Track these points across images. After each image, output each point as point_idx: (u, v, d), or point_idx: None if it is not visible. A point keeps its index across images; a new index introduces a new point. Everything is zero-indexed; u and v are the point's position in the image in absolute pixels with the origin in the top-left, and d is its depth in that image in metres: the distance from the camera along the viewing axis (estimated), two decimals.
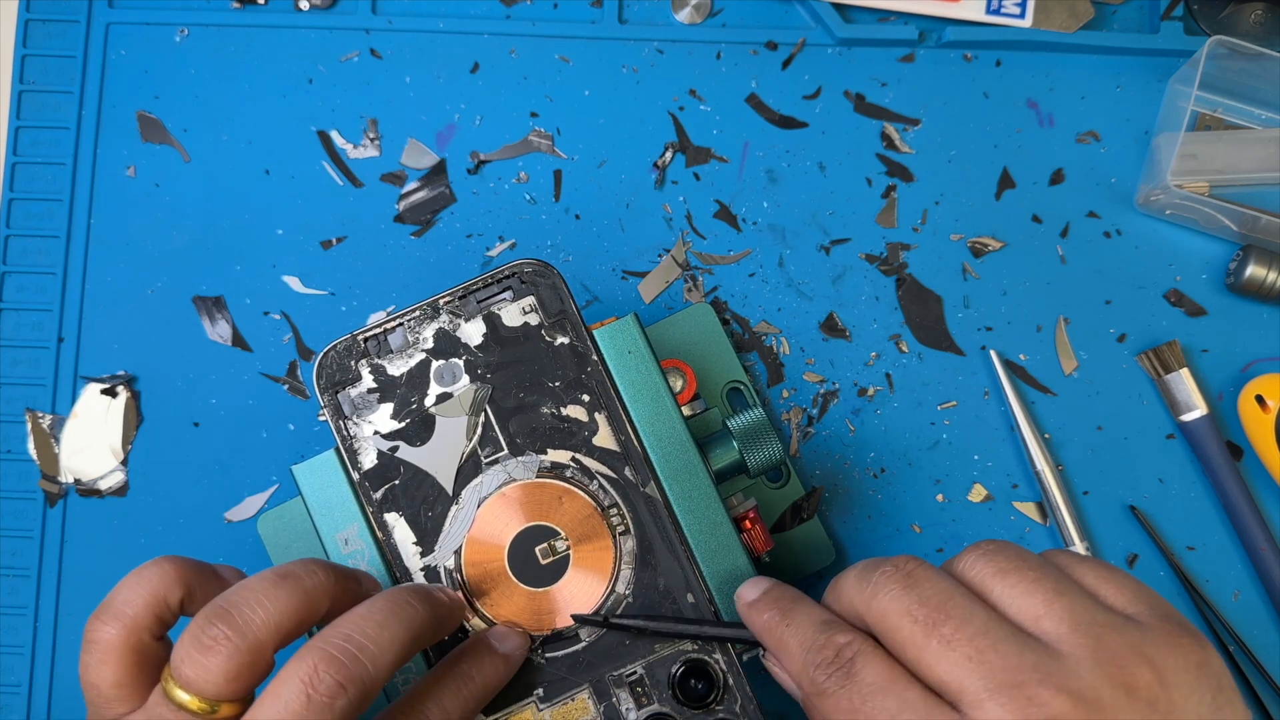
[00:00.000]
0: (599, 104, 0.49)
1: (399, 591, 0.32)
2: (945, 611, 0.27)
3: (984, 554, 0.29)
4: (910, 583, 0.28)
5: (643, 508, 0.36)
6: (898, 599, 0.28)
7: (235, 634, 0.28)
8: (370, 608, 0.30)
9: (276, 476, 0.47)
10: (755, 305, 0.48)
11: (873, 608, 0.28)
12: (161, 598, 0.31)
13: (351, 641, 0.29)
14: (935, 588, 0.28)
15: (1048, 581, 0.27)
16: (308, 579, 0.30)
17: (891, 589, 0.28)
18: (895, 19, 0.50)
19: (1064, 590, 0.27)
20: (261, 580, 0.30)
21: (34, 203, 0.48)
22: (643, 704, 0.35)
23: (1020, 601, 0.27)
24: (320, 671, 0.28)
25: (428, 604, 0.32)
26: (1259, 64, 0.46)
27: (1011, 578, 0.28)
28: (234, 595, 0.29)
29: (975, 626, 0.26)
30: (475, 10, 0.50)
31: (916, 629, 0.27)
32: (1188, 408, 0.46)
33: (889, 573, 0.29)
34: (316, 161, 0.49)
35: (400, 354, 0.37)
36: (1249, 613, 0.45)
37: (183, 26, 0.50)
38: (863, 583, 0.29)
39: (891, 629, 0.28)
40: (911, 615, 0.27)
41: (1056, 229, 0.48)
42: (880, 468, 0.47)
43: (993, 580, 0.28)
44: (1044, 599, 0.27)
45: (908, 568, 0.29)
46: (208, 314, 0.48)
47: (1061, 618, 0.26)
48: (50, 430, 0.47)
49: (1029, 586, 0.27)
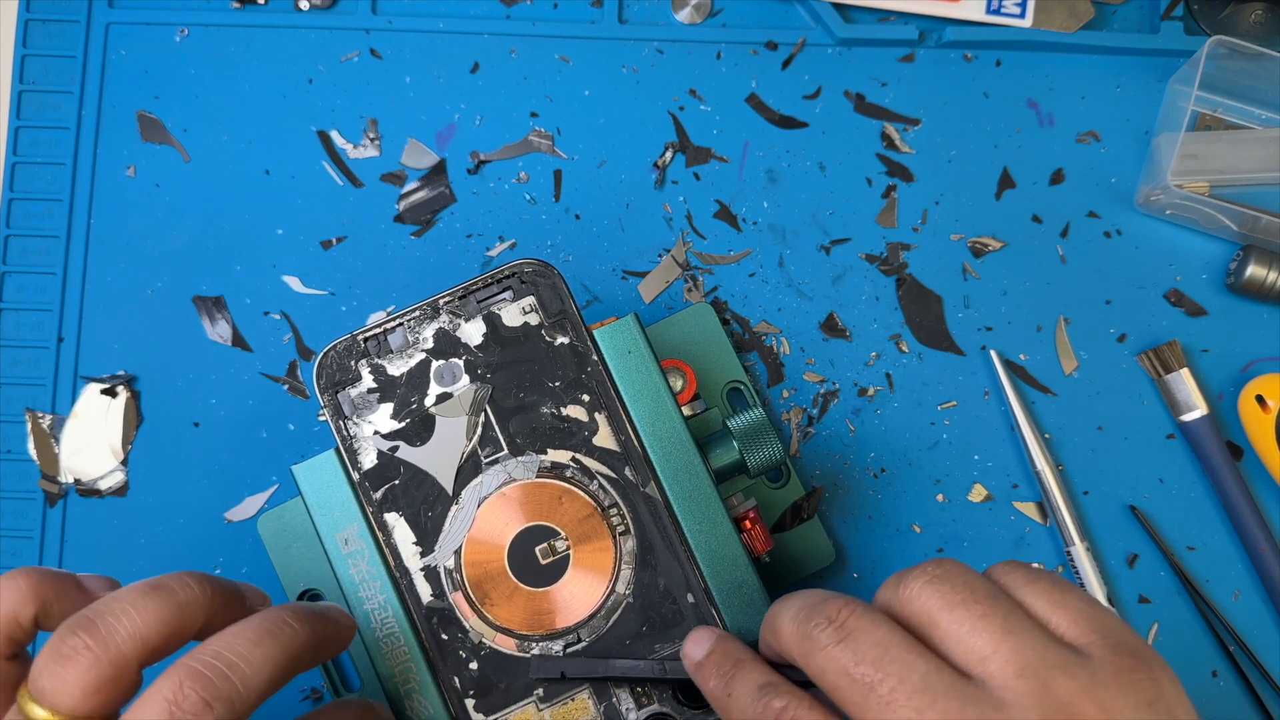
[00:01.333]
0: (599, 104, 0.49)
1: (277, 610, 0.30)
2: (882, 668, 0.26)
3: (930, 581, 0.28)
4: (845, 636, 0.27)
5: (643, 508, 0.36)
6: (834, 656, 0.27)
7: (97, 644, 0.27)
8: (244, 626, 0.29)
9: (276, 476, 0.47)
10: (755, 305, 0.48)
11: (810, 664, 0.28)
12: (10, 616, 0.29)
13: (220, 659, 0.28)
14: (871, 640, 0.27)
15: (995, 618, 0.26)
16: (181, 591, 0.29)
17: (827, 644, 0.27)
18: (895, 19, 0.50)
19: (1011, 627, 0.26)
20: (131, 591, 0.28)
21: (34, 203, 0.48)
22: (643, 704, 0.35)
23: (967, 640, 0.26)
24: (186, 688, 0.27)
25: (308, 625, 0.30)
26: (1259, 64, 0.46)
27: (958, 612, 0.27)
28: (100, 605, 0.28)
29: (914, 683, 0.26)
30: (475, 10, 0.50)
31: (855, 689, 0.26)
32: (1188, 408, 0.46)
33: (822, 625, 0.28)
34: (316, 161, 0.49)
35: (400, 354, 0.37)
36: (1249, 613, 0.45)
37: (183, 26, 0.50)
38: (799, 635, 0.28)
39: (831, 687, 0.27)
40: (849, 674, 0.26)
41: (1056, 229, 0.48)
42: (880, 468, 0.47)
43: (939, 614, 0.27)
44: (991, 638, 0.26)
45: (841, 618, 0.27)
46: (208, 314, 0.48)
47: (1008, 660, 0.26)
48: (50, 430, 0.47)
49: (976, 624, 0.26)
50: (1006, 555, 0.46)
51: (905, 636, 0.27)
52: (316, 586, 0.42)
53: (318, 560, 0.42)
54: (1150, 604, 0.45)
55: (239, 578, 0.46)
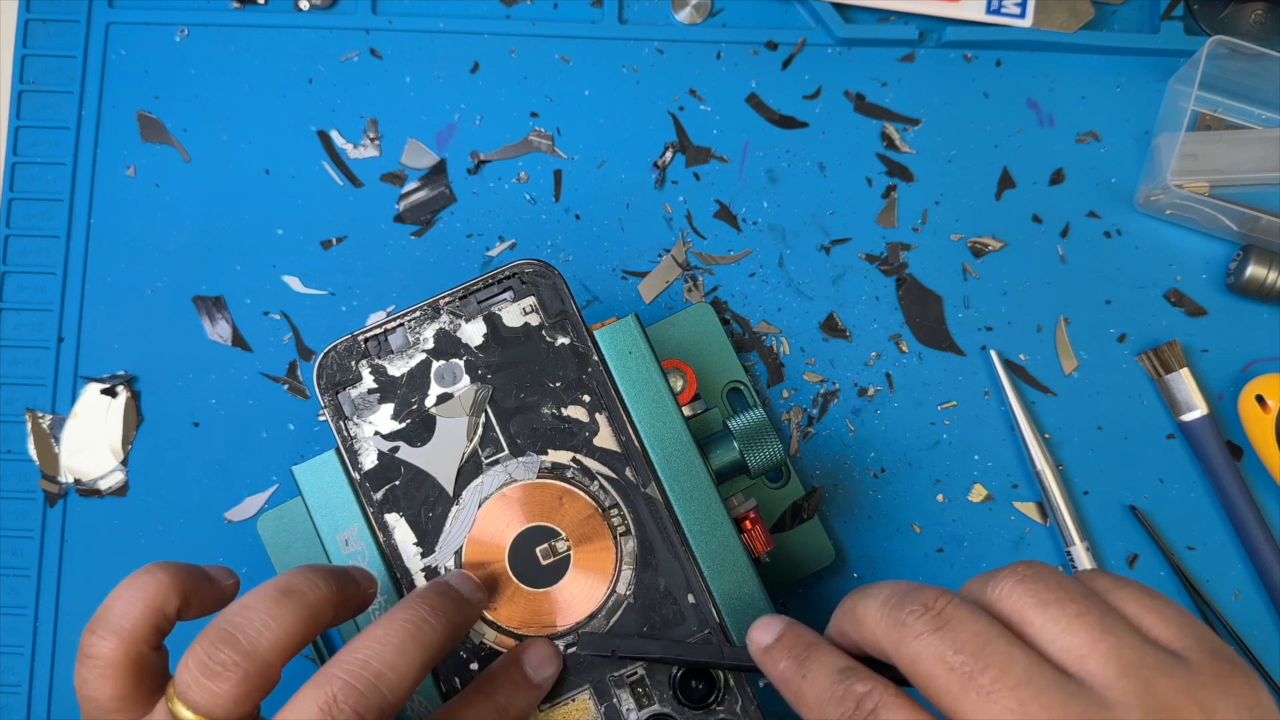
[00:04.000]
0: (599, 104, 0.49)
1: (417, 608, 0.31)
2: (983, 659, 0.25)
3: (1021, 580, 0.27)
4: (943, 625, 0.26)
5: (643, 508, 0.36)
6: (930, 644, 0.26)
7: (243, 658, 0.28)
8: (388, 630, 0.30)
9: (276, 476, 0.47)
10: (755, 305, 0.48)
11: (902, 652, 0.27)
12: (159, 608, 0.30)
13: (369, 669, 0.28)
14: (970, 630, 0.26)
15: (1091, 617, 0.26)
16: (311, 593, 0.30)
17: (922, 632, 0.26)
18: (895, 19, 0.50)
19: (1109, 627, 0.26)
20: (264, 598, 0.29)
21: (34, 203, 0.48)
22: (643, 704, 0.35)
23: (1063, 639, 0.26)
24: (340, 701, 0.28)
25: (445, 618, 0.31)
26: (1259, 64, 0.46)
27: (1052, 610, 0.26)
28: (238, 616, 0.29)
29: (1016, 675, 0.25)
30: (475, 10, 0.50)
31: (953, 678, 0.25)
32: (1188, 408, 0.46)
33: (918, 613, 0.27)
34: (316, 161, 0.49)
35: (401, 354, 0.37)
36: (1249, 613, 0.45)
37: (183, 26, 0.50)
38: (890, 621, 0.27)
39: (924, 675, 0.26)
40: (946, 663, 0.26)
41: (1057, 229, 0.48)
42: (880, 468, 0.47)
43: (1032, 612, 0.26)
44: (1088, 637, 0.26)
45: (939, 605, 0.27)
46: (208, 314, 0.48)
47: (1108, 659, 0.25)
48: (50, 430, 0.47)
49: (1071, 622, 0.26)
50: (1007, 555, 0.46)
51: (1004, 629, 0.26)
52: None
53: (318, 560, 0.42)
54: None
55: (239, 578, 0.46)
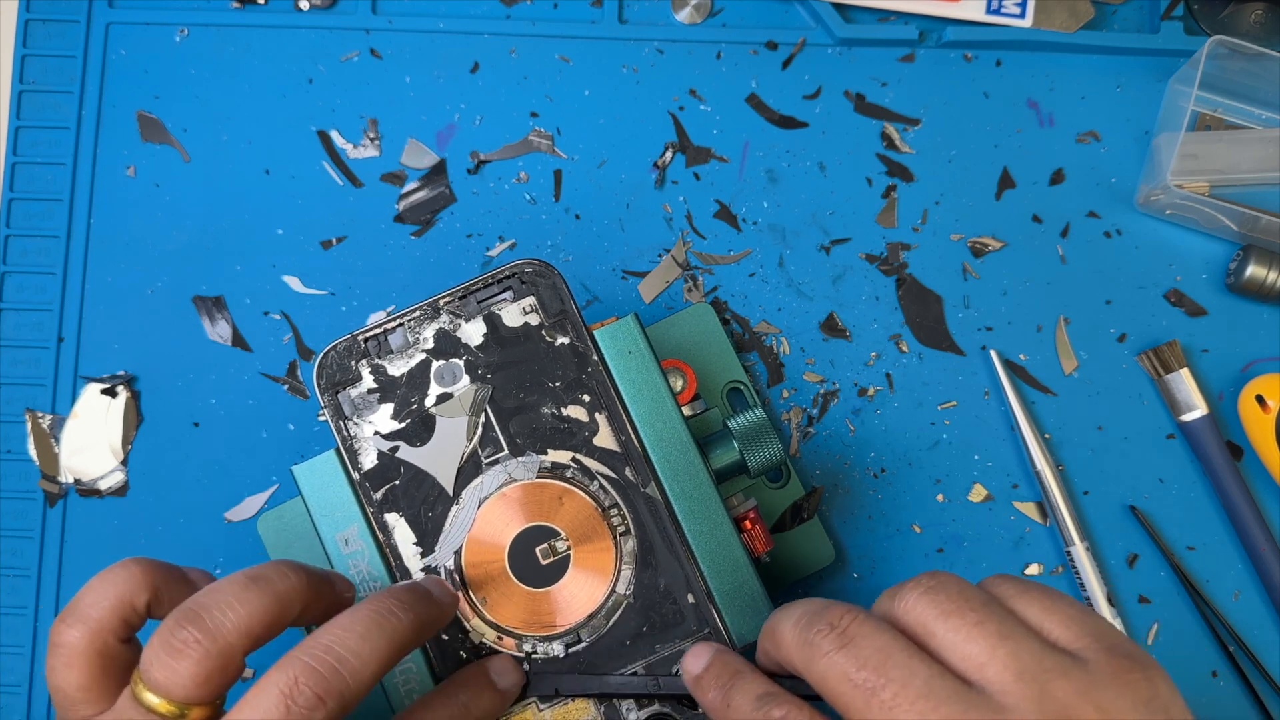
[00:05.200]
0: (599, 104, 0.49)
1: (383, 600, 0.31)
2: (884, 673, 0.26)
3: (925, 592, 0.28)
4: (846, 642, 0.27)
5: (643, 508, 0.36)
6: (835, 662, 0.27)
7: (205, 637, 0.28)
8: (353, 618, 0.30)
9: (276, 476, 0.47)
10: (755, 305, 0.48)
11: (812, 670, 0.28)
12: (127, 601, 0.31)
13: (332, 654, 0.29)
14: (873, 646, 0.27)
15: (990, 624, 0.27)
16: (279, 582, 0.30)
17: (829, 650, 0.27)
18: (895, 19, 0.50)
19: (1007, 634, 0.27)
20: (233, 583, 0.30)
21: (34, 203, 0.48)
22: (643, 704, 0.35)
23: (963, 647, 0.27)
24: (300, 684, 0.28)
25: (412, 612, 0.31)
26: (1259, 64, 0.46)
27: (953, 620, 0.27)
28: (204, 598, 0.29)
29: (916, 688, 0.26)
30: (475, 10, 0.50)
31: (857, 694, 0.26)
32: (1188, 408, 0.46)
33: (824, 632, 0.28)
34: (316, 161, 0.49)
35: (400, 354, 0.37)
36: (1249, 613, 0.45)
37: (183, 26, 0.50)
38: (800, 641, 0.28)
39: (832, 693, 0.27)
40: (850, 680, 0.27)
41: (1056, 229, 0.48)
42: (880, 468, 0.47)
43: (935, 623, 0.27)
44: (987, 645, 0.26)
45: (843, 623, 0.28)
46: (208, 314, 0.48)
47: (1005, 665, 0.26)
48: (50, 430, 0.47)
49: (971, 631, 0.27)
50: (1007, 555, 0.46)
51: (906, 643, 0.27)
52: None
53: (318, 561, 0.42)
54: (1150, 604, 0.45)
55: None
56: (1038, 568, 0.46)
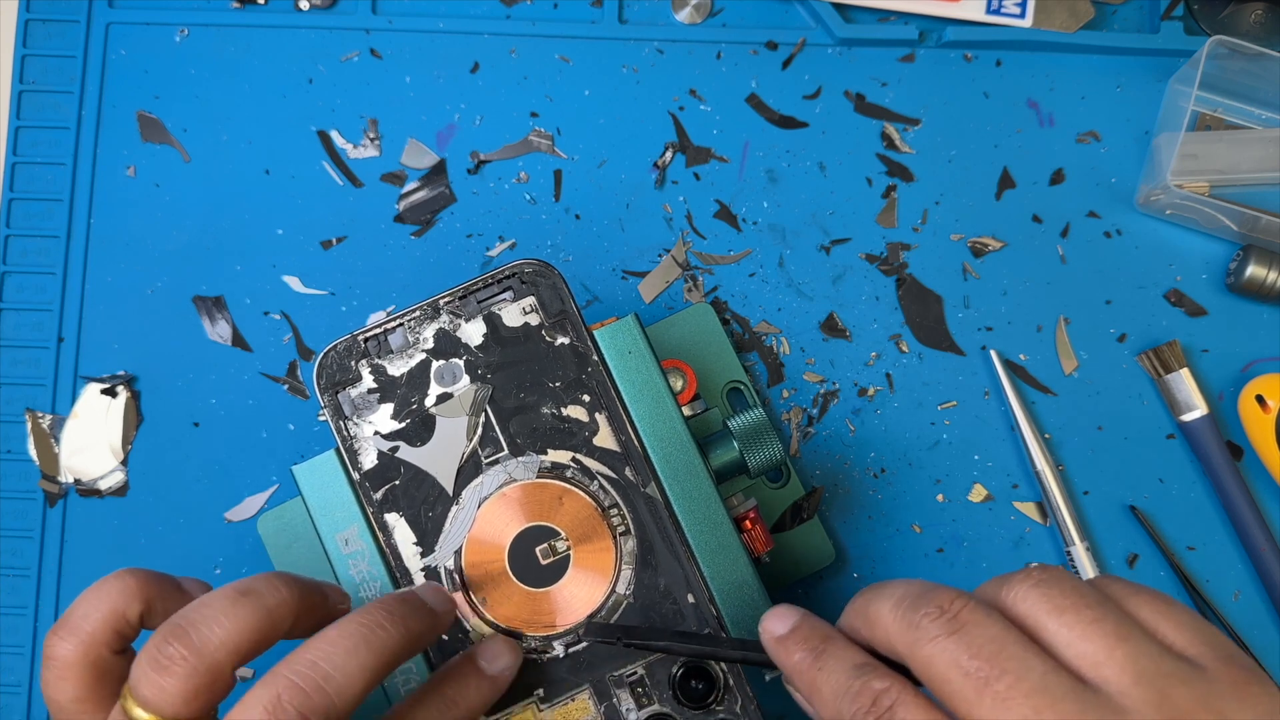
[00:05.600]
0: (599, 104, 0.49)
1: (372, 613, 0.31)
2: (999, 664, 0.25)
3: (1036, 585, 0.27)
4: (958, 628, 0.26)
5: (643, 508, 0.36)
6: (945, 648, 0.26)
7: (192, 654, 0.28)
8: (340, 632, 0.29)
9: (276, 476, 0.47)
10: (755, 305, 0.48)
11: (917, 654, 0.27)
12: (120, 612, 0.30)
13: (317, 670, 0.28)
14: (986, 634, 0.26)
15: (1107, 623, 0.26)
16: (269, 596, 0.30)
17: (937, 635, 0.26)
18: (895, 19, 0.50)
19: (1125, 634, 0.25)
20: (221, 598, 0.29)
21: (34, 203, 0.48)
22: (643, 704, 0.35)
23: (1078, 645, 0.26)
24: (284, 701, 0.27)
25: (402, 625, 0.31)
26: (1259, 64, 0.46)
27: (1068, 616, 0.26)
28: (192, 613, 0.29)
29: (1032, 681, 0.25)
30: (475, 10, 0.50)
31: (968, 684, 0.25)
32: (1188, 408, 0.46)
33: (932, 615, 0.27)
34: (316, 161, 0.49)
35: (400, 354, 0.37)
36: (1249, 613, 0.45)
37: (183, 26, 0.50)
38: (905, 623, 0.27)
39: (939, 679, 0.26)
40: (961, 667, 0.25)
41: (1056, 229, 0.48)
42: (880, 468, 0.47)
43: (1047, 618, 0.26)
44: (1104, 644, 0.25)
45: (954, 608, 0.27)
46: (208, 314, 0.48)
47: (1124, 666, 0.25)
48: (50, 430, 0.47)
49: (1087, 629, 0.26)
50: (1007, 555, 0.46)
51: (1021, 634, 0.26)
52: None
53: (318, 560, 0.42)
54: None
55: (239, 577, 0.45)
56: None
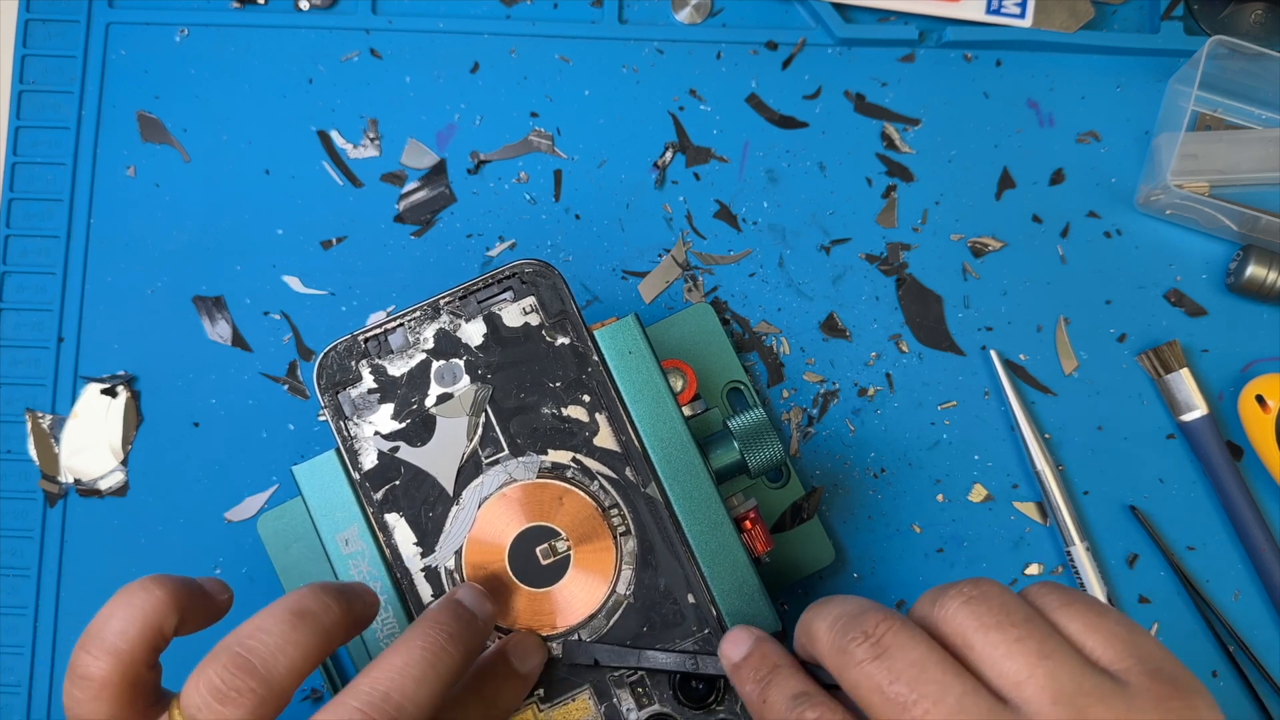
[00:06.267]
0: (599, 104, 0.49)
1: (435, 633, 0.30)
2: (917, 688, 0.26)
3: (966, 601, 0.27)
4: (881, 653, 0.27)
5: (643, 508, 0.36)
6: (868, 673, 0.27)
7: (260, 684, 0.28)
8: (406, 659, 0.29)
9: (276, 476, 0.47)
10: (755, 305, 0.48)
11: (845, 677, 0.28)
12: (157, 626, 0.29)
13: (389, 702, 0.28)
14: (907, 659, 0.27)
15: (1031, 641, 0.26)
16: (325, 616, 0.29)
17: (862, 660, 0.27)
18: (895, 19, 0.50)
19: (1047, 652, 0.26)
20: (279, 621, 0.29)
21: (34, 203, 0.48)
22: (643, 704, 0.35)
23: (1001, 664, 0.26)
24: None
25: (463, 647, 0.31)
26: (1259, 64, 0.46)
27: (993, 635, 0.27)
28: (253, 640, 0.28)
29: (948, 706, 0.25)
30: (475, 10, 0.50)
31: (889, 707, 0.26)
32: (1188, 408, 0.46)
33: (859, 640, 0.27)
34: (316, 161, 0.49)
35: (401, 354, 0.37)
36: (1249, 613, 0.45)
37: (183, 26, 0.50)
38: (835, 647, 0.28)
39: (865, 703, 0.27)
40: (883, 692, 0.26)
41: (1056, 229, 0.48)
42: (880, 468, 0.47)
43: (974, 635, 0.27)
44: (1026, 663, 0.26)
45: (879, 632, 0.27)
46: (208, 314, 0.48)
47: (1043, 686, 0.25)
48: (50, 430, 0.47)
49: (1011, 647, 0.26)
50: (1007, 555, 0.46)
51: (943, 656, 0.27)
52: None
53: (318, 560, 0.42)
54: (1150, 604, 0.45)
55: (239, 578, 0.46)
56: (1038, 568, 0.46)
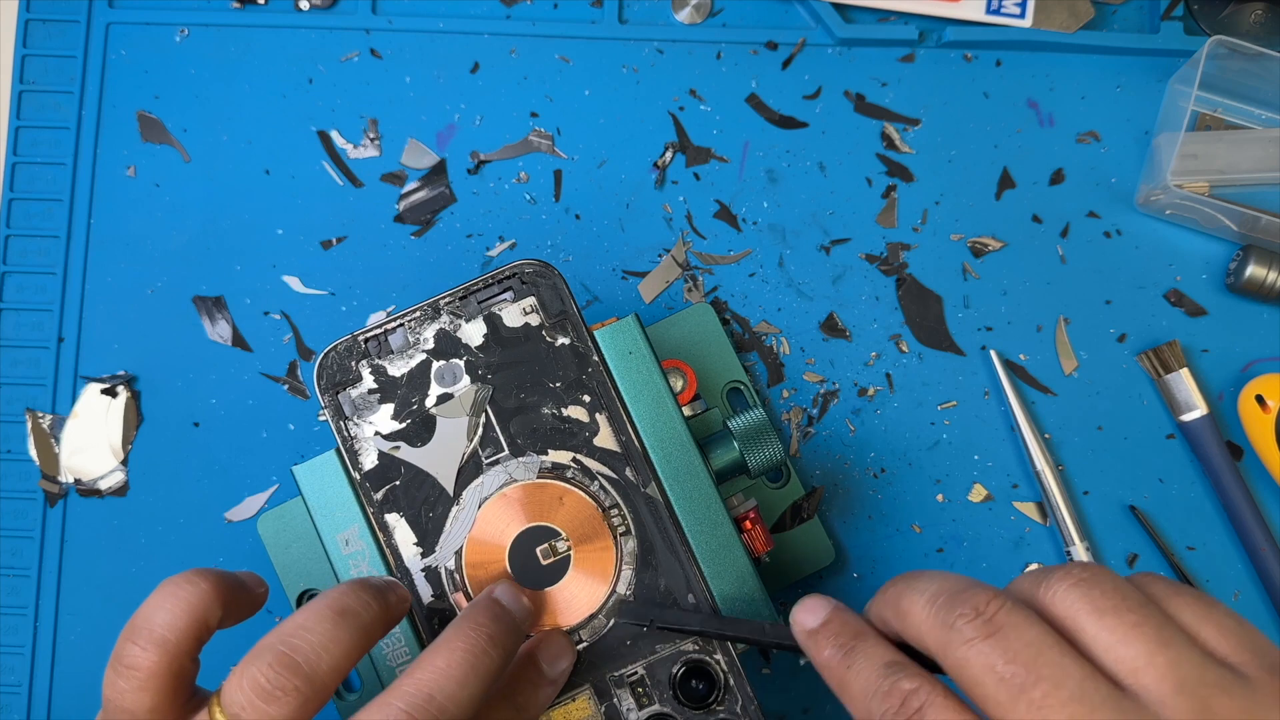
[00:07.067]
0: (599, 104, 0.49)
1: (476, 636, 0.30)
2: (1035, 670, 0.24)
3: (1076, 584, 0.26)
4: (994, 631, 0.25)
5: (643, 508, 0.36)
6: (980, 651, 0.25)
7: (304, 683, 0.28)
8: (450, 660, 0.29)
9: (276, 476, 0.47)
10: (755, 305, 0.48)
11: (950, 656, 0.26)
12: (202, 619, 0.30)
13: (433, 704, 0.28)
14: (1023, 639, 0.25)
15: (1149, 627, 0.25)
16: (365, 614, 0.30)
17: (972, 638, 0.26)
18: (895, 19, 0.50)
19: (1166, 640, 0.25)
20: (321, 619, 0.29)
21: (34, 203, 0.48)
22: (643, 704, 0.35)
23: (1118, 649, 0.25)
24: None
25: (502, 650, 0.31)
26: (1259, 64, 0.46)
27: (1108, 619, 0.25)
28: (296, 639, 0.28)
29: (1069, 690, 0.24)
30: (475, 10, 0.50)
31: (1003, 689, 0.25)
32: (1188, 408, 0.46)
33: (968, 617, 0.26)
34: (316, 161, 0.49)
35: (401, 354, 0.37)
36: (1249, 613, 0.45)
37: (183, 26, 0.50)
38: (938, 622, 0.27)
39: (972, 682, 0.25)
40: (997, 673, 0.25)
41: (1056, 229, 0.48)
42: (880, 468, 0.47)
43: (1086, 619, 0.26)
44: (1145, 649, 0.25)
45: (990, 610, 0.26)
46: (208, 314, 0.48)
47: (1165, 674, 0.24)
48: (50, 430, 0.47)
49: (1128, 633, 0.25)
50: (1007, 555, 0.46)
51: (1059, 639, 0.25)
52: (317, 587, 0.42)
53: (318, 560, 0.42)
54: None
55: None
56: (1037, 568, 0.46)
